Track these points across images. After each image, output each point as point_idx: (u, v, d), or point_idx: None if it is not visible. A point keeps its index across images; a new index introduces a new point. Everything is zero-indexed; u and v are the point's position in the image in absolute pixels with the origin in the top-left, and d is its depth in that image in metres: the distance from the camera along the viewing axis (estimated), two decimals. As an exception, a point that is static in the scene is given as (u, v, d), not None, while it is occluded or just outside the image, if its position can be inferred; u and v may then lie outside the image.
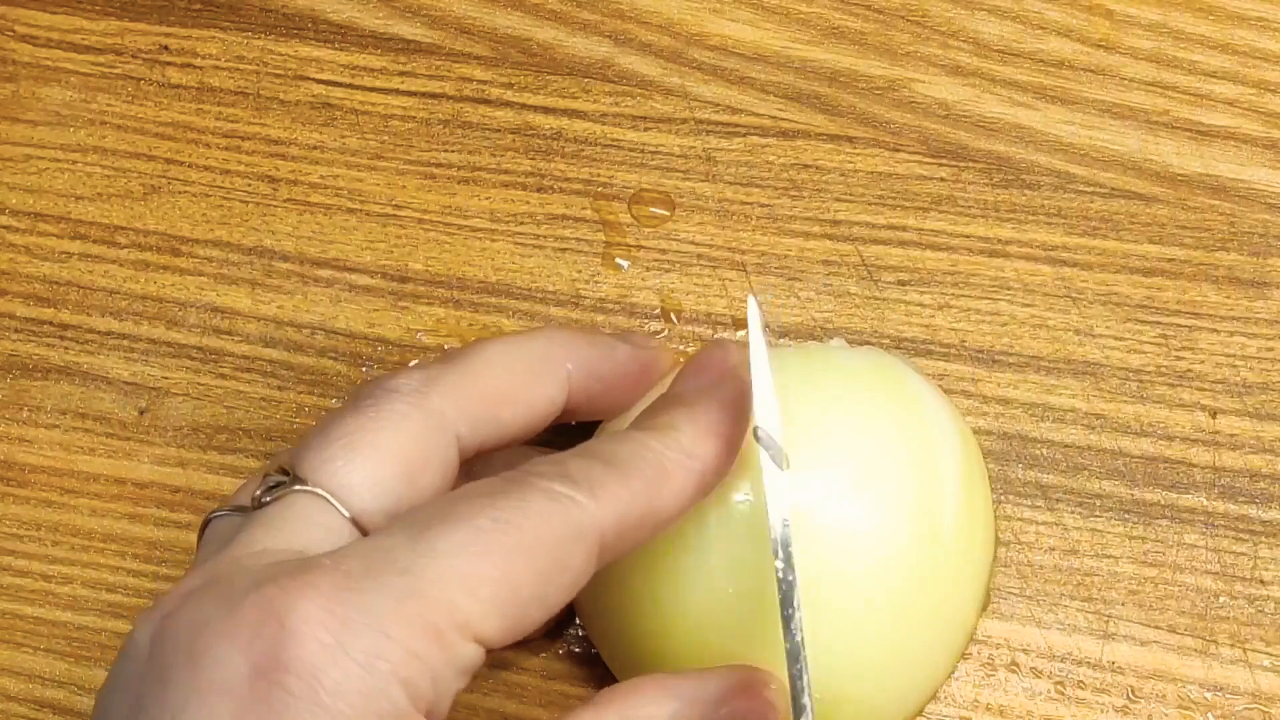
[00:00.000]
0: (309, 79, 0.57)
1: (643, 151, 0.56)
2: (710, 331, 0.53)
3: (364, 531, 0.39)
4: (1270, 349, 0.53)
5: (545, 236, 0.54)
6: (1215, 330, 0.53)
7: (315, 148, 0.56)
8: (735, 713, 0.41)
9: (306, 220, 0.55)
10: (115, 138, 0.56)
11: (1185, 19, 0.57)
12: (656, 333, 0.53)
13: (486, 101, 0.56)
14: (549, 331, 0.44)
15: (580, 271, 0.54)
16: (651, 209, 0.55)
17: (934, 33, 0.57)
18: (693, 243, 0.54)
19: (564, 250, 0.54)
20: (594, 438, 0.42)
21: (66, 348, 0.54)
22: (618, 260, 0.54)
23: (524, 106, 0.56)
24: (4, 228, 0.55)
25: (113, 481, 0.52)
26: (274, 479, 0.40)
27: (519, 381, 0.43)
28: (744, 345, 0.43)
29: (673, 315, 0.53)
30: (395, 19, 0.57)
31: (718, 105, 0.56)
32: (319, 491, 0.39)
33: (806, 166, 0.55)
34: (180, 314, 0.54)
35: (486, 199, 0.55)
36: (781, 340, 0.53)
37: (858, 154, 0.55)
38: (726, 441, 0.41)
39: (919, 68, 0.57)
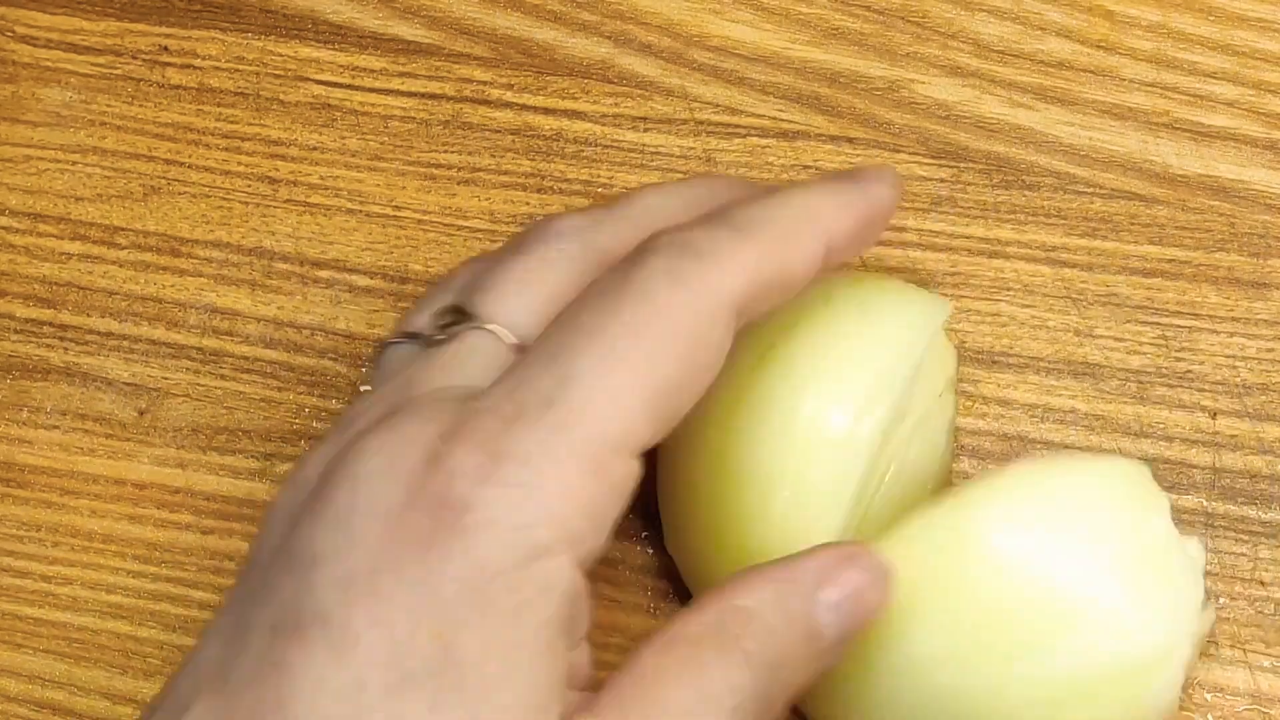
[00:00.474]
0: (309, 80, 0.57)
1: (643, 152, 0.56)
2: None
3: None
4: (1270, 350, 0.53)
5: (545, 237, 0.54)
6: (1215, 331, 0.53)
7: (315, 148, 0.56)
8: (842, 587, 0.38)
9: (306, 221, 0.55)
10: (115, 138, 0.56)
11: (1185, 20, 0.57)
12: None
13: (486, 102, 0.56)
14: (707, 178, 0.44)
15: (580, 272, 0.54)
16: (651, 210, 0.55)
17: (934, 33, 0.57)
18: (693, 243, 0.54)
19: (564, 251, 0.54)
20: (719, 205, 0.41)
21: (66, 349, 0.54)
22: (618, 261, 0.54)
23: (524, 107, 0.56)
24: (4, 228, 0.55)
25: (112, 482, 0.52)
26: (447, 316, 0.40)
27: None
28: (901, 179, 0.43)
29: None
30: (395, 20, 0.57)
31: (718, 106, 0.56)
32: (492, 328, 0.39)
33: (807, 167, 0.55)
34: (180, 315, 0.54)
35: (487, 200, 0.55)
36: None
37: (858, 155, 0.55)
38: (861, 220, 0.41)
39: (919, 68, 0.57)
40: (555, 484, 0.35)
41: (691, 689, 0.35)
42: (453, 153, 0.56)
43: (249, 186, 0.56)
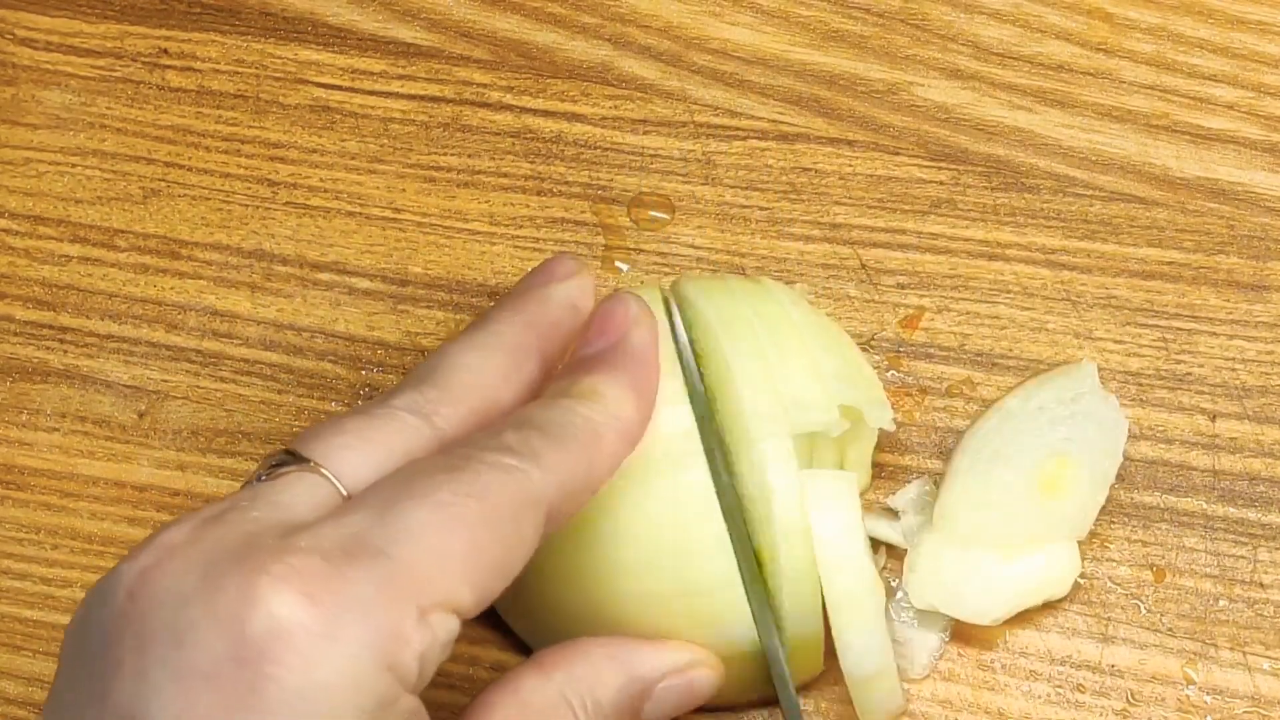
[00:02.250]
0: (308, 82, 0.57)
1: (642, 155, 0.56)
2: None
3: None
4: (1270, 352, 0.53)
5: (545, 240, 0.54)
6: (1214, 333, 0.53)
7: (315, 151, 0.56)
8: (671, 687, 0.44)
9: (306, 223, 0.55)
10: (115, 141, 0.56)
11: (1185, 22, 0.57)
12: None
13: (486, 105, 0.56)
14: (510, 325, 0.45)
15: (580, 275, 0.54)
16: (651, 212, 0.55)
17: (933, 36, 0.57)
18: (692, 246, 0.54)
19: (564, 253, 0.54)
20: (525, 406, 0.43)
21: (66, 351, 0.54)
22: (617, 263, 0.54)
23: (524, 110, 0.56)
24: (3, 231, 0.55)
25: (112, 485, 0.52)
26: (278, 458, 0.41)
27: (501, 388, 0.43)
28: (639, 297, 0.45)
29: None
30: (394, 22, 0.57)
31: (717, 109, 0.56)
32: (322, 471, 0.40)
33: (806, 170, 0.55)
34: (180, 317, 0.54)
35: (486, 202, 0.55)
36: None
37: (857, 157, 0.55)
38: (646, 397, 0.43)
39: (918, 71, 0.57)
40: (389, 632, 0.36)
41: None
42: (453, 155, 0.56)
43: (249, 189, 0.56)
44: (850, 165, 0.55)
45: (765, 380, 0.46)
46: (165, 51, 0.57)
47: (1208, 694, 0.49)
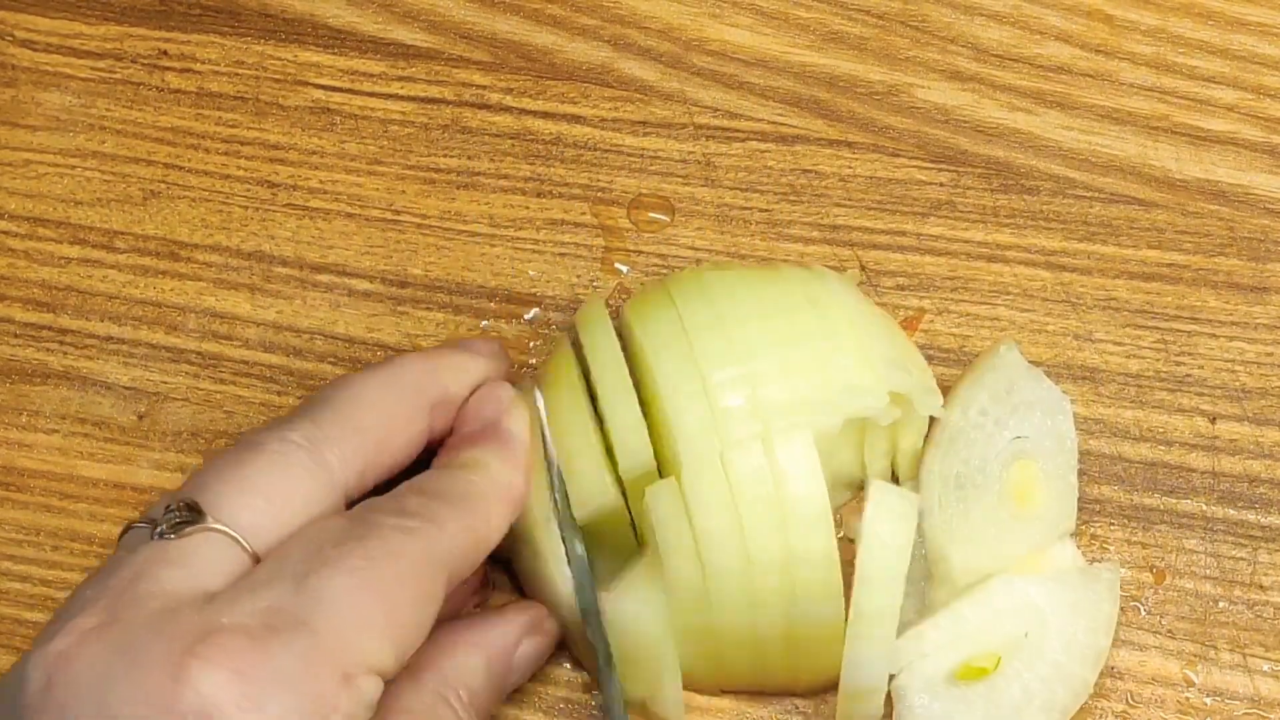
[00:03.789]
0: (308, 84, 0.57)
1: (642, 156, 0.56)
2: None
3: None
4: (1269, 354, 0.53)
5: (544, 241, 0.54)
6: (1214, 335, 0.53)
7: (314, 153, 0.56)
8: (528, 650, 0.47)
9: (306, 225, 0.55)
10: (115, 142, 0.56)
11: (1185, 24, 0.57)
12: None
13: (486, 106, 0.56)
14: (411, 366, 0.47)
15: (579, 276, 0.54)
16: (651, 214, 0.55)
17: (933, 38, 0.57)
18: (692, 248, 0.54)
19: (563, 255, 0.54)
20: (419, 476, 0.45)
21: (65, 353, 0.54)
22: (617, 265, 0.54)
23: (523, 111, 0.56)
24: (3, 232, 0.55)
25: (112, 486, 0.52)
26: (179, 515, 0.41)
27: (395, 427, 0.45)
28: (507, 385, 0.48)
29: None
30: (394, 24, 0.57)
31: (717, 110, 0.56)
32: (228, 532, 0.41)
33: (806, 171, 0.55)
34: (179, 319, 0.54)
35: (486, 204, 0.55)
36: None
37: (857, 159, 0.55)
38: (525, 469, 0.47)
39: (918, 73, 0.57)
40: (318, 703, 0.38)
41: None
42: (452, 157, 0.56)
43: (248, 190, 0.56)
44: (850, 167, 0.55)
45: (790, 373, 0.47)
46: (165, 53, 0.57)
47: (1208, 696, 0.49)
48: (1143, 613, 0.50)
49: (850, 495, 0.51)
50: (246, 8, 0.58)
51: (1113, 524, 0.51)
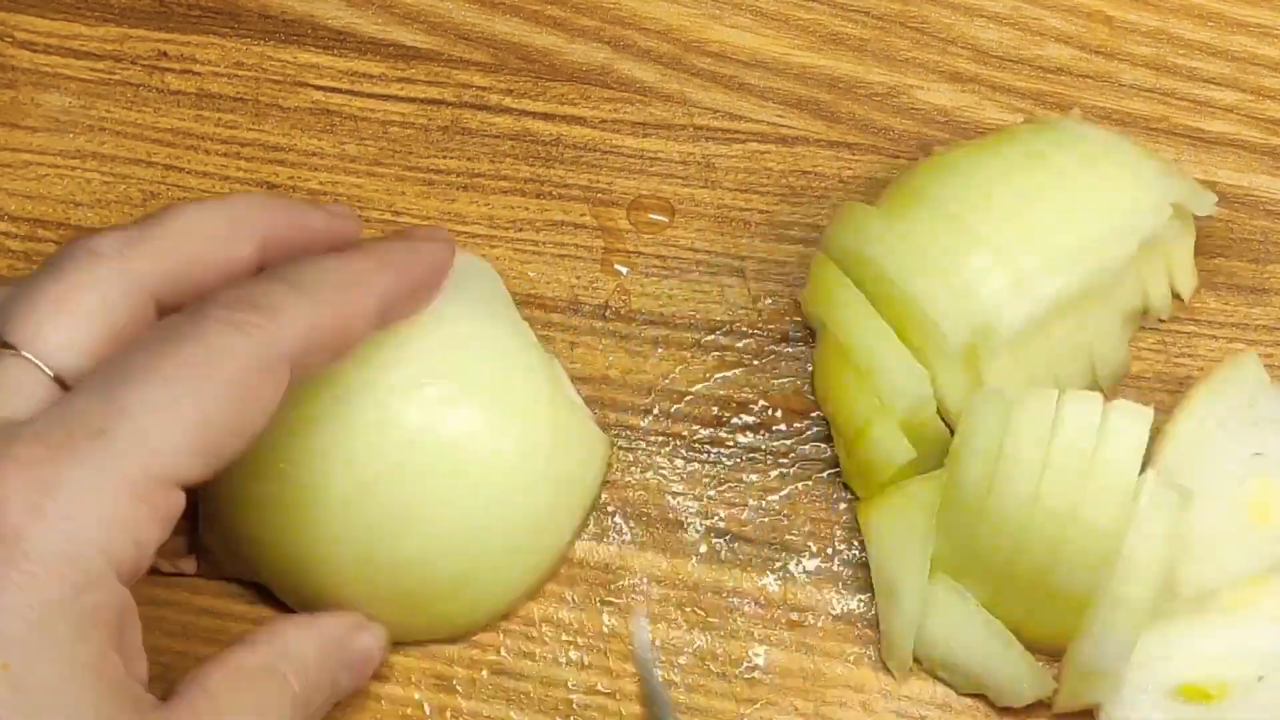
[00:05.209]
0: (308, 85, 0.57)
1: (642, 158, 0.56)
2: (709, 336, 0.53)
3: (67, 390, 0.40)
4: (1270, 355, 0.53)
5: (544, 243, 0.54)
6: (1215, 337, 0.53)
7: (314, 154, 0.56)
8: (367, 642, 0.46)
9: (306, 226, 0.55)
10: (114, 144, 0.56)
11: (1184, 25, 0.57)
12: (655, 338, 0.53)
13: (486, 108, 0.56)
14: (243, 197, 0.45)
15: (579, 278, 0.54)
16: (651, 215, 0.55)
17: (933, 39, 0.57)
18: (692, 249, 0.54)
19: (563, 256, 0.54)
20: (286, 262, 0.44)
21: (65, 354, 0.54)
22: (617, 266, 0.54)
23: (523, 113, 0.56)
24: (2, 234, 0.55)
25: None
26: None
27: (215, 245, 0.43)
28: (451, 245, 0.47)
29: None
30: (394, 25, 0.57)
31: (717, 111, 0.56)
32: (26, 355, 0.40)
33: (806, 173, 0.55)
34: (179, 320, 0.54)
35: (486, 205, 0.55)
36: None
37: (857, 160, 0.55)
38: (408, 275, 0.45)
39: (918, 74, 0.57)
40: (105, 514, 0.37)
41: (252, 714, 0.41)
42: (452, 158, 0.56)
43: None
44: (850, 168, 0.55)
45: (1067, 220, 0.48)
46: (165, 54, 0.57)
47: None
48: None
49: (1136, 328, 0.52)
50: (246, 9, 0.58)
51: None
